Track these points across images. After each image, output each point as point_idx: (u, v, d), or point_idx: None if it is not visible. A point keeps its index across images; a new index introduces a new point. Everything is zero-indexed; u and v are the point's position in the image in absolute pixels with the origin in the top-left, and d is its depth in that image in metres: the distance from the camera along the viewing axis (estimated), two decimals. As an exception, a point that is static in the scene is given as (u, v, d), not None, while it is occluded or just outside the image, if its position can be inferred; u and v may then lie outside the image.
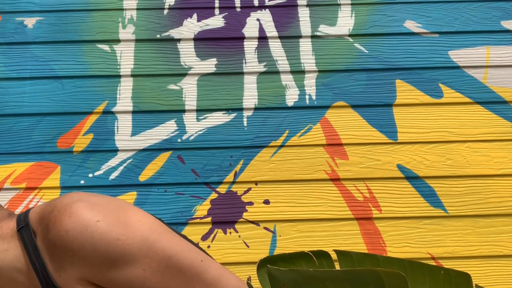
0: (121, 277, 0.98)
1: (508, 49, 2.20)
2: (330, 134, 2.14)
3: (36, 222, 1.03)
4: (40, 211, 1.05)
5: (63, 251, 0.98)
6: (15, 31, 2.19)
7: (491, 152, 2.14)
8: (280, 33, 2.21)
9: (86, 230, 0.97)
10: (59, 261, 0.99)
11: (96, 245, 0.97)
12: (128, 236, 0.99)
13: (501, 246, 2.08)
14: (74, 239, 0.97)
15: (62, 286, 1.00)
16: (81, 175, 2.09)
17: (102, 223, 0.98)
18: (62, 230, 0.97)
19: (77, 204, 0.99)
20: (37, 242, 1.02)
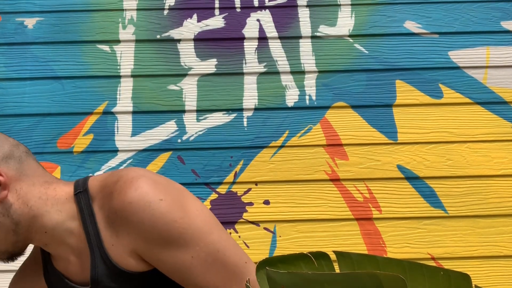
0: (170, 258, 1.01)
1: (508, 49, 2.20)
2: (330, 134, 2.14)
3: (97, 189, 1.08)
4: (103, 179, 1.09)
5: (122, 221, 1.01)
6: (15, 31, 2.19)
7: (491, 153, 2.14)
8: (280, 33, 2.21)
9: (148, 206, 1.00)
10: (116, 230, 1.03)
11: (155, 222, 1.00)
12: (185, 221, 1.02)
13: (501, 247, 2.08)
14: (136, 212, 1.00)
15: (111, 254, 1.04)
16: (81, 175, 2.09)
17: (164, 202, 1.01)
18: (126, 201, 1.01)
19: (142, 179, 1.03)
20: (94, 208, 1.06)
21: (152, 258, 1.04)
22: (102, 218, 1.06)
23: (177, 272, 1.03)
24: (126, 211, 1.01)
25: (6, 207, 1.04)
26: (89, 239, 1.06)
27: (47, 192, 1.09)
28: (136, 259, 1.04)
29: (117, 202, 1.02)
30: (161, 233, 1.01)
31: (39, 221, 1.07)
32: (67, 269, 1.13)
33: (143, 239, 1.02)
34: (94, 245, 1.06)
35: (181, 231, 1.01)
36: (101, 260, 1.05)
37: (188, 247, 1.02)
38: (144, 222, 1.00)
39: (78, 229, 1.08)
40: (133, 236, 1.02)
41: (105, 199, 1.06)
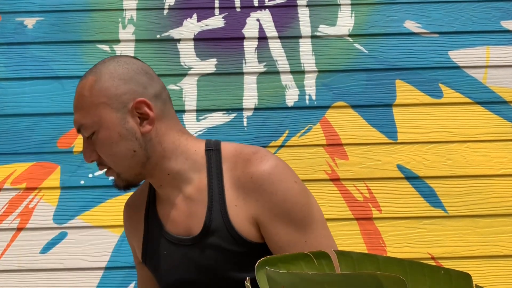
0: (287, 235, 1.07)
1: (508, 49, 2.20)
2: (330, 134, 2.14)
3: (231, 153, 1.15)
4: (237, 147, 1.17)
5: (257, 187, 1.08)
6: (15, 31, 2.19)
7: (491, 152, 2.14)
8: (280, 33, 2.21)
9: (285, 183, 1.08)
10: (245, 193, 1.09)
11: (286, 198, 1.07)
12: (309, 208, 1.10)
13: (501, 246, 2.08)
14: (273, 183, 1.07)
15: (230, 213, 1.09)
16: (81, 175, 2.09)
17: (296, 185, 1.10)
18: (265, 170, 1.08)
19: (279, 159, 1.12)
20: (224, 168, 1.13)
21: (270, 230, 1.08)
22: (230, 179, 1.12)
23: (286, 250, 1.07)
24: (263, 180, 1.07)
25: (145, 140, 1.11)
26: (211, 193, 1.11)
27: (180, 139, 1.16)
28: (252, 226, 1.10)
29: (256, 169, 1.08)
30: (288, 209, 1.07)
31: (166, 163, 1.13)
32: (168, 215, 1.17)
33: (270, 209, 1.07)
34: (215, 199, 1.11)
35: (304, 215, 1.09)
36: (219, 215, 1.10)
37: (305, 231, 1.08)
38: (277, 194, 1.07)
39: (199, 181, 1.14)
40: (261, 204, 1.08)
41: (239, 163, 1.12)
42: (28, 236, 2.07)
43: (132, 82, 1.11)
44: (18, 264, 2.06)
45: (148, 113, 1.10)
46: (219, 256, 1.10)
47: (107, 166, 1.13)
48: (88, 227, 2.09)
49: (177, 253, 1.15)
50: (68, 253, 2.07)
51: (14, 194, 2.09)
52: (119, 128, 1.09)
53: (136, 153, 1.10)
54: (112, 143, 1.08)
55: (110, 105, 1.08)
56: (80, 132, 1.12)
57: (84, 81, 1.11)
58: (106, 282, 2.05)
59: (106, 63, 1.13)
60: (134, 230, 1.27)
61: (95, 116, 1.08)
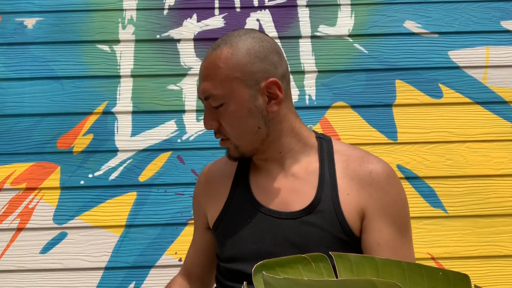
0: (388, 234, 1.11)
1: (507, 49, 2.20)
2: (330, 134, 2.13)
3: (343, 148, 1.20)
4: (350, 147, 1.22)
5: (374, 182, 1.13)
6: (15, 31, 2.19)
7: (490, 152, 2.14)
8: (280, 33, 2.21)
9: (397, 187, 1.14)
10: (360, 186, 1.13)
11: (397, 200, 1.13)
12: (409, 218, 1.16)
13: (501, 246, 2.08)
14: (389, 183, 1.13)
15: (342, 200, 1.13)
16: (81, 175, 2.10)
17: (404, 194, 1.16)
18: (384, 171, 1.14)
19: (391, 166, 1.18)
20: (335, 157, 1.18)
21: (374, 225, 1.12)
22: (343, 169, 1.16)
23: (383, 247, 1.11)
24: (381, 178, 1.13)
25: (270, 119, 1.15)
26: (322, 176, 1.15)
27: (296, 121, 1.20)
28: (358, 217, 1.13)
29: (374, 167, 1.14)
30: (396, 211, 1.13)
31: (281, 142, 1.18)
32: (264, 187, 1.20)
33: (381, 206, 1.12)
34: (326, 183, 1.15)
35: (406, 222, 1.14)
36: (330, 198, 1.13)
37: (403, 236, 1.13)
38: (390, 195, 1.13)
39: (308, 163, 1.18)
40: (374, 199, 1.12)
41: (353, 160, 1.16)
42: (28, 236, 2.07)
43: (266, 61, 1.13)
44: (18, 264, 2.06)
45: (277, 94, 1.13)
46: (316, 235, 1.11)
47: (225, 137, 1.16)
48: (88, 227, 2.09)
49: (266, 224, 1.15)
50: (68, 253, 2.07)
51: (14, 194, 2.09)
52: (249, 104, 1.12)
53: (260, 130, 1.14)
54: (240, 117, 1.12)
55: (244, 81, 1.11)
56: (206, 101, 1.14)
57: (219, 52, 1.12)
58: (106, 282, 2.06)
59: (242, 37, 1.14)
60: (214, 195, 1.27)
61: (227, 89, 1.11)
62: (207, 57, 1.14)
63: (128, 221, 2.08)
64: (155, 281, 2.05)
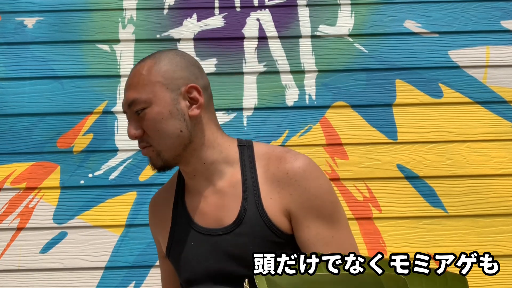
0: (315, 229, 1.14)
1: (507, 49, 2.20)
2: (330, 134, 2.13)
3: (263, 151, 1.22)
4: (269, 146, 1.25)
5: (291, 181, 1.15)
6: (15, 31, 2.19)
7: (491, 152, 2.14)
8: (280, 33, 2.21)
9: (318, 180, 1.16)
10: (280, 187, 1.16)
11: (318, 194, 1.15)
12: (337, 205, 1.18)
13: (501, 246, 2.08)
14: (307, 179, 1.15)
15: (266, 204, 1.16)
16: (81, 175, 2.09)
17: (327, 184, 1.18)
18: (300, 167, 1.16)
19: (311, 159, 1.19)
20: (257, 163, 1.20)
21: (300, 222, 1.15)
22: (264, 174, 1.18)
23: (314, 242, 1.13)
24: (298, 175, 1.15)
25: (192, 124, 1.18)
26: (245, 185, 1.18)
27: (217, 133, 1.24)
28: (285, 217, 1.16)
29: (291, 165, 1.16)
30: (319, 204, 1.15)
31: (203, 151, 1.21)
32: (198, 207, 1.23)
33: (303, 203, 1.14)
34: (249, 191, 1.18)
35: (333, 212, 1.16)
36: (254, 206, 1.16)
37: (333, 227, 1.15)
38: (310, 190, 1.14)
39: (232, 174, 1.20)
40: (295, 197, 1.15)
41: (272, 161, 1.19)
42: (28, 236, 2.07)
43: (187, 70, 1.19)
44: (18, 264, 2.06)
45: (198, 98, 1.18)
46: (250, 244, 1.14)
47: (148, 144, 1.18)
48: (88, 227, 2.09)
49: (207, 244, 1.19)
50: (68, 253, 2.07)
51: (14, 194, 2.08)
52: (171, 106, 1.16)
53: (182, 133, 1.17)
54: (162, 119, 1.15)
55: (166, 85, 1.16)
56: (130, 108, 1.17)
57: (141, 64, 1.19)
58: (106, 282, 2.05)
59: (165, 52, 1.21)
60: (161, 224, 1.31)
61: (150, 92, 1.15)
62: (131, 71, 1.20)
63: (128, 220, 2.08)
64: (155, 281, 2.05)
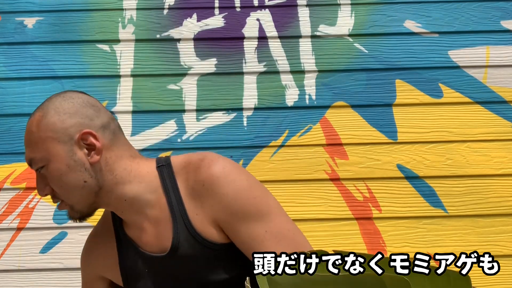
0: (246, 230, 1.11)
1: (508, 49, 2.20)
2: (330, 134, 2.14)
3: (181, 165, 1.18)
4: (186, 157, 1.20)
5: (209, 192, 1.12)
6: (15, 31, 2.19)
7: (491, 152, 2.14)
8: (280, 33, 2.21)
9: (233, 182, 1.12)
10: (201, 201, 1.13)
11: (237, 196, 1.12)
12: (262, 199, 1.14)
13: (501, 246, 2.08)
14: (222, 185, 1.12)
15: (194, 223, 1.14)
16: (81, 175, 2.09)
17: (246, 181, 1.14)
18: (214, 175, 1.12)
19: (227, 161, 1.16)
20: (178, 180, 1.17)
21: (230, 229, 1.13)
22: (186, 190, 1.15)
23: (250, 244, 1.11)
24: (214, 184, 1.12)
25: (95, 170, 1.14)
26: (172, 208, 1.15)
27: (132, 164, 1.18)
28: (216, 229, 1.14)
29: (205, 176, 1.13)
30: (242, 206, 1.12)
31: (120, 189, 1.16)
32: (140, 237, 1.20)
33: (226, 211, 1.12)
34: (177, 213, 1.15)
35: (259, 207, 1.13)
36: (184, 227, 1.14)
37: (263, 221, 1.12)
38: (228, 195, 1.11)
39: (158, 199, 1.17)
40: (216, 207, 1.12)
41: (190, 173, 1.16)
42: (28, 236, 2.07)
43: (77, 115, 1.14)
44: (18, 264, 2.06)
45: (94, 143, 1.13)
46: (195, 265, 1.14)
47: (60, 199, 1.15)
48: (88, 226, 2.08)
49: (159, 269, 1.19)
50: (68, 253, 2.07)
51: (14, 194, 2.08)
52: (67, 160, 1.12)
53: (86, 183, 1.13)
54: (62, 175, 1.11)
55: (56, 138, 1.11)
56: (32, 167, 1.14)
57: (32, 119, 1.15)
58: (106, 282, 2.05)
59: (52, 99, 1.16)
60: (104, 259, 1.29)
61: (43, 150, 1.11)
62: (26, 125, 1.16)
63: (128, 220, 2.08)
64: (155, 281, 2.05)
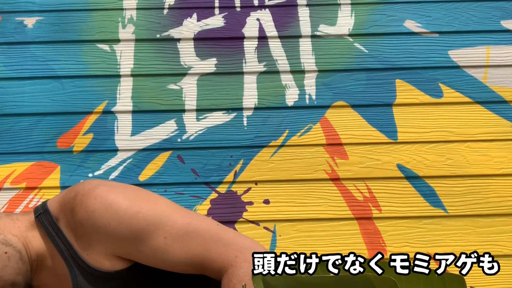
0: (145, 247, 1.06)
1: (508, 48, 2.20)
2: (330, 133, 2.14)
3: (58, 208, 1.12)
4: (60, 199, 1.12)
5: (90, 230, 1.06)
6: (15, 30, 2.19)
7: (491, 152, 2.14)
8: (280, 33, 2.21)
9: (110, 208, 1.06)
10: (87, 240, 1.07)
11: (120, 220, 1.06)
12: (148, 208, 1.08)
13: (501, 246, 2.08)
14: (101, 217, 1.05)
15: (89, 261, 1.07)
16: (81, 175, 2.10)
17: (124, 200, 1.08)
18: (89, 210, 1.05)
19: (100, 188, 1.09)
20: (60, 226, 1.09)
21: (131, 254, 1.08)
22: (70, 233, 1.10)
23: (157, 257, 1.07)
24: (92, 220, 1.06)
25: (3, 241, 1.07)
26: (63, 254, 1.09)
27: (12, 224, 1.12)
28: (114, 260, 1.08)
29: (81, 215, 1.07)
30: (129, 227, 1.06)
31: None
32: None
33: (115, 240, 1.07)
34: (69, 257, 1.09)
35: (147, 219, 1.07)
36: (80, 269, 1.08)
37: (157, 230, 1.07)
38: (110, 224, 1.05)
39: (49, 249, 1.11)
40: (104, 241, 1.07)
41: (68, 215, 1.10)
42: (28, 235, 2.07)
43: None
44: None
45: None
46: None
47: None
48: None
49: None
50: (68, 253, 2.07)
51: (14, 194, 2.09)
52: None
53: (8, 254, 1.06)
54: None
55: None
56: None
57: None
58: (106, 281, 2.06)
59: None
60: None
61: None
62: None
63: (128, 220, 2.08)
64: (155, 281, 2.05)
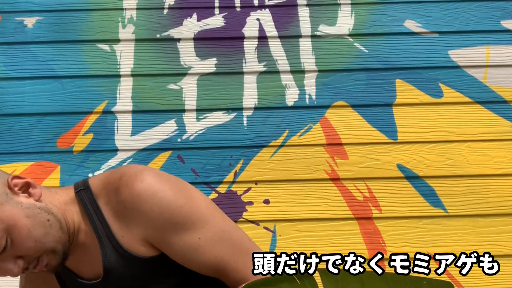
0: (179, 241, 1.08)
1: (508, 48, 2.20)
2: (330, 133, 2.14)
3: (100, 186, 1.14)
4: (104, 178, 1.15)
5: (133, 212, 1.08)
6: (15, 30, 2.19)
7: (491, 152, 2.13)
8: (280, 32, 2.21)
9: (156, 195, 1.07)
10: (126, 222, 1.09)
11: (163, 209, 1.07)
12: (190, 206, 1.10)
13: (501, 246, 2.08)
14: (145, 202, 1.07)
15: (124, 243, 1.10)
16: (81, 174, 2.10)
17: (169, 191, 1.09)
18: (134, 193, 1.07)
19: (147, 172, 1.11)
20: (99, 203, 1.12)
21: (163, 244, 1.10)
22: (109, 212, 1.11)
23: (186, 254, 1.09)
24: (135, 203, 1.07)
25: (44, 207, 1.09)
26: (97, 232, 1.11)
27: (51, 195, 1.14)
28: (147, 246, 1.11)
29: (125, 196, 1.08)
30: (169, 218, 1.08)
31: None
32: (77, 267, 1.17)
33: (153, 227, 1.08)
34: (104, 236, 1.11)
35: (187, 215, 1.09)
36: (112, 249, 1.11)
37: (194, 229, 1.09)
38: (153, 210, 1.07)
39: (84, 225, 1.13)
40: (143, 226, 1.08)
41: (110, 194, 1.11)
42: (28, 235, 2.07)
43: None
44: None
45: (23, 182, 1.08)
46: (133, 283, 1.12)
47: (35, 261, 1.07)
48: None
49: None
50: (68, 253, 2.07)
51: (14, 194, 2.09)
52: (21, 212, 1.04)
53: (50, 221, 1.07)
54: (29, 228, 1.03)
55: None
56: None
57: None
58: (106, 281, 2.06)
59: None
60: None
61: None
62: None
63: (128, 220, 2.08)
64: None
